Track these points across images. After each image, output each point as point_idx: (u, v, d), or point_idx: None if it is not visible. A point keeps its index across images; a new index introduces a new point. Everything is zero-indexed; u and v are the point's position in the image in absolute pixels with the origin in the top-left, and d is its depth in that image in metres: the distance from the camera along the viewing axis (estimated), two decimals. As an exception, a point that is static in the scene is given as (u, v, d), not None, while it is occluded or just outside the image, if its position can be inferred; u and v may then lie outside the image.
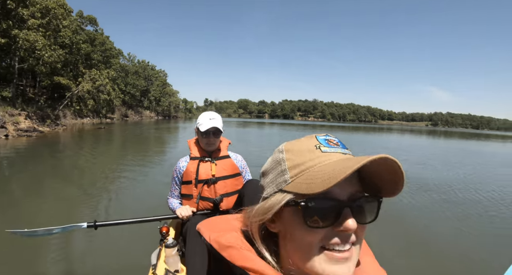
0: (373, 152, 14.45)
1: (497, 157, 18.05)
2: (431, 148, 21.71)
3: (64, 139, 16.92)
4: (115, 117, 43.31)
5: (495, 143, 34.82)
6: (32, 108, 22.53)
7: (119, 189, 6.43)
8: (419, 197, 6.54)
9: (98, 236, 3.67)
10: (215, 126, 2.16)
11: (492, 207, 6.13)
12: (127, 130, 26.00)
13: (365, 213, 0.49)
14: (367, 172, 0.48)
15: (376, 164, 0.44)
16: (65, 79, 28.34)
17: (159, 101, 69.71)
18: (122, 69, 52.38)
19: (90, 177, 7.60)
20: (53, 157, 10.47)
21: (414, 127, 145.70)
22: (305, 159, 0.49)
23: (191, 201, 2.22)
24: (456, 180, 8.65)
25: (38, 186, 6.47)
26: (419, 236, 4.43)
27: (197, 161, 2.23)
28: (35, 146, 12.89)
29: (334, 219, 0.46)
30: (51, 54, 20.84)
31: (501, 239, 4.54)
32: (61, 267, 3.12)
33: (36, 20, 20.22)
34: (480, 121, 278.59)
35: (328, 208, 0.46)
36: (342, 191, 0.47)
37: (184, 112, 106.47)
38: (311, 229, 0.46)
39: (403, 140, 31.90)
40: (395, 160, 0.43)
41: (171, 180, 2.34)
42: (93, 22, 38.65)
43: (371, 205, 0.49)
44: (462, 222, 5.12)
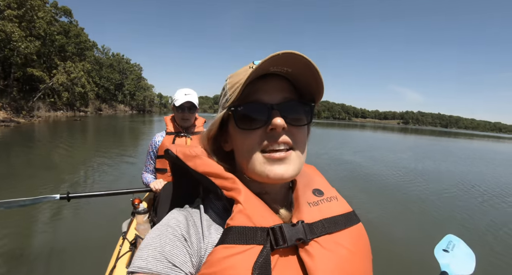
0: (356, 149, 16.24)
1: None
2: (408, 145, 23.18)
3: (42, 129, 17.36)
4: (88, 110, 42.78)
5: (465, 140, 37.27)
6: (7, 99, 22.43)
7: (94, 167, 6.81)
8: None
9: (71, 208, 3.82)
10: (190, 101, 2.21)
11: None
12: (103, 122, 26.47)
13: (298, 115, 0.53)
14: (298, 81, 0.53)
15: (297, 69, 0.49)
16: (38, 71, 27.90)
17: (133, 95, 68.78)
18: (97, 62, 51.53)
19: (67, 159, 8.10)
20: (33, 144, 11.06)
21: (386, 125, 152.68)
22: (239, 78, 0.52)
23: (165, 175, 2.29)
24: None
25: (15, 167, 6.70)
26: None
27: (172, 136, 2.30)
28: (14, 135, 13.45)
29: (265, 121, 0.50)
30: (27, 45, 20.93)
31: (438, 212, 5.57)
32: (32, 239, 3.21)
33: (12, 11, 20.22)
34: (449, 120, 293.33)
35: (256, 110, 0.51)
36: (272, 97, 0.52)
37: (159, 107, 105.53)
38: (245, 132, 0.52)
39: (382, 137, 33.58)
40: (301, 54, 0.46)
41: (146, 155, 2.38)
42: (68, 13, 37.96)
43: (304, 109, 0.54)
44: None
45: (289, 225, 0.49)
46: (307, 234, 0.49)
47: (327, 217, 0.53)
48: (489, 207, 6.26)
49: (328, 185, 0.63)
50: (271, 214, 0.51)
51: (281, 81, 0.53)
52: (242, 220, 0.47)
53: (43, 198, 2.04)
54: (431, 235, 4.28)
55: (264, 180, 0.51)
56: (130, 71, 67.95)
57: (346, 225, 0.55)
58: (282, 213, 0.54)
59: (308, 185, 0.60)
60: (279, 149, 0.50)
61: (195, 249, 0.48)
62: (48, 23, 29.15)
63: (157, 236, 0.47)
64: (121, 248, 1.82)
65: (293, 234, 0.48)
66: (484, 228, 4.92)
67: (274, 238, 0.46)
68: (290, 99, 0.53)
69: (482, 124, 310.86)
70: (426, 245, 3.90)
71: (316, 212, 0.54)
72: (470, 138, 54.82)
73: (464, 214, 5.60)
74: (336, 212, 0.56)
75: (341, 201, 0.60)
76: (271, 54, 0.45)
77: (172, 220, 0.51)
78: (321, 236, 0.50)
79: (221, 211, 0.55)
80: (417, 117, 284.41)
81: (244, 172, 0.54)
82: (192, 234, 0.49)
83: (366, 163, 10.69)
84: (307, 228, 0.50)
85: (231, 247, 0.44)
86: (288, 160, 0.50)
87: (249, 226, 0.47)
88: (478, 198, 6.89)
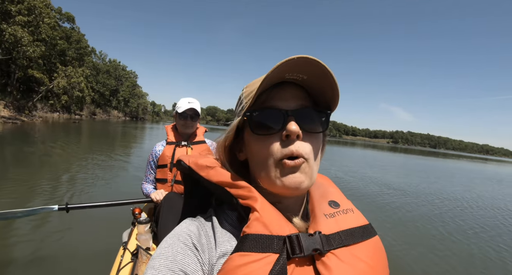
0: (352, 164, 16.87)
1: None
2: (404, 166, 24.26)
3: (44, 128, 18.45)
4: (83, 114, 43.74)
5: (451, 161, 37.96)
6: (9, 98, 23.49)
7: (94, 174, 6.70)
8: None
9: (69, 216, 3.53)
10: (192, 108, 2.21)
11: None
12: (99, 126, 27.59)
13: (313, 123, 0.53)
14: (314, 88, 0.54)
15: (313, 76, 0.50)
16: (39, 73, 29.11)
17: (127, 102, 69.78)
18: (94, 67, 52.74)
19: (67, 162, 8.04)
20: (37, 142, 11.83)
21: (377, 144, 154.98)
22: (255, 86, 0.53)
23: (165, 185, 2.24)
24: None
25: (18, 167, 6.76)
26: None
27: (173, 145, 2.28)
28: (22, 131, 14.62)
29: (280, 127, 0.50)
30: (34, 49, 22.23)
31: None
32: (30, 250, 3.11)
33: (23, 17, 21.59)
34: (437, 141, 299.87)
35: (272, 116, 0.51)
36: (287, 103, 0.52)
37: (152, 115, 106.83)
38: (263, 139, 0.52)
39: (374, 154, 34.10)
40: (317, 59, 0.46)
41: (147, 164, 2.33)
42: (71, 20, 39.48)
43: (319, 117, 0.54)
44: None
45: (306, 234, 0.48)
46: (324, 245, 0.48)
47: (344, 229, 0.52)
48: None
49: (343, 197, 0.63)
50: (287, 223, 0.50)
51: (296, 89, 0.54)
52: (258, 228, 0.46)
53: (41, 208, 2.00)
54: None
55: (279, 190, 0.51)
56: (125, 78, 69.11)
57: (363, 237, 0.53)
58: (297, 223, 0.53)
59: (324, 196, 0.60)
60: (293, 156, 0.50)
61: (207, 258, 0.48)
62: (52, 28, 30.60)
63: (169, 245, 0.48)
64: (122, 259, 1.78)
65: (310, 244, 0.47)
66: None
67: (291, 247, 0.46)
68: (306, 106, 0.53)
69: (470, 146, 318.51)
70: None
71: (333, 223, 0.53)
72: (458, 158, 56.35)
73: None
74: (353, 224, 0.54)
75: (357, 213, 0.58)
76: (285, 59, 0.45)
77: (184, 229, 0.51)
78: (338, 248, 0.49)
79: (234, 221, 0.55)
80: (406, 137, 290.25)
81: (259, 181, 0.53)
82: (204, 243, 0.49)
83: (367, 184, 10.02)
84: (324, 239, 0.49)
85: (247, 254, 0.44)
86: (303, 168, 0.50)
87: (265, 234, 0.46)
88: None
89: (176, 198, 1.94)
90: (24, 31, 21.18)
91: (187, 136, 2.35)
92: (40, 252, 3.08)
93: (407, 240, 4.65)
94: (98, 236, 3.47)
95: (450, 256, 4.27)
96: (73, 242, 3.34)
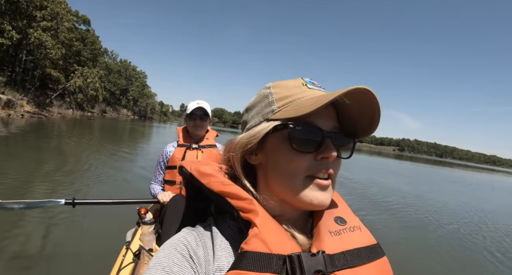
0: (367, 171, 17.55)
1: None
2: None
3: (65, 123, 20.72)
4: (95, 112, 46.11)
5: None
6: (31, 95, 25.79)
7: (104, 171, 6.81)
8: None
9: (74, 211, 3.50)
10: (201, 107, 2.23)
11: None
12: (111, 123, 30.18)
13: (342, 148, 0.53)
14: (351, 114, 0.52)
15: (358, 103, 0.48)
16: (56, 72, 31.44)
17: (137, 101, 72.34)
18: (106, 67, 55.28)
19: (80, 156, 8.50)
20: (60, 135, 13.52)
21: (382, 151, 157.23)
22: (292, 92, 0.52)
23: (173, 187, 2.25)
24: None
25: (37, 158, 7.25)
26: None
27: (184, 148, 2.30)
28: (47, 125, 16.86)
29: (318, 146, 0.49)
30: (56, 52, 24.58)
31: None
32: (33, 243, 3.11)
33: (47, 22, 23.90)
34: (444, 150, 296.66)
35: (313, 134, 0.49)
36: (325, 122, 0.50)
37: (159, 115, 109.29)
38: (297, 153, 0.49)
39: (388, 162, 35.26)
40: (374, 93, 0.45)
41: (156, 165, 2.34)
42: (87, 22, 42.00)
43: (347, 142, 0.53)
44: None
45: (308, 254, 0.45)
46: (327, 266, 0.45)
47: (349, 249, 0.49)
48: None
49: (351, 213, 0.58)
50: (290, 240, 0.47)
51: (332, 109, 0.52)
52: (257, 245, 0.44)
53: (48, 201, 1.97)
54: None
55: (302, 205, 0.50)
56: (135, 78, 71.66)
57: (370, 258, 0.49)
58: (300, 239, 0.50)
59: (330, 211, 0.55)
60: (324, 177, 0.50)
61: (203, 271, 0.46)
62: (69, 30, 32.90)
63: (166, 255, 0.46)
64: (124, 259, 1.74)
65: (312, 265, 0.44)
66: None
67: (291, 268, 0.43)
68: (340, 130, 0.53)
69: (477, 156, 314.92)
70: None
71: (338, 242, 0.49)
72: (466, 168, 56.78)
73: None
74: (360, 243, 0.51)
75: (365, 232, 0.54)
76: (351, 87, 0.43)
77: (181, 238, 0.50)
78: (343, 269, 0.46)
79: (235, 232, 0.53)
80: (413, 145, 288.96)
81: (277, 192, 0.52)
82: (201, 256, 0.47)
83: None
84: (328, 259, 0.46)
85: (244, 273, 0.41)
86: (329, 189, 0.51)
87: (264, 252, 0.43)
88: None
89: (182, 201, 1.93)
90: (47, 35, 23.45)
91: (198, 139, 2.37)
92: (42, 246, 3.09)
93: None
94: (102, 233, 3.49)
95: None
96: (76, 237, 3.36)
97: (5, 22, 21.15)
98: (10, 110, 18.43)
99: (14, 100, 19.35)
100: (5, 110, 17.92)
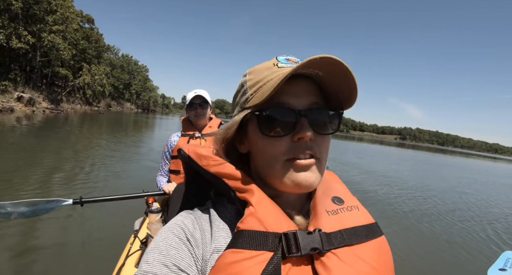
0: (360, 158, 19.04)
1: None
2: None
3: (81, 117, 23.44)
4: (101, 106, 48.90)
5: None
6: (45, 93, 28.52)
7: (111, 165, 6.85)
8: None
9: (85, 207, 3.18)
10: (198, 95, 2.21)
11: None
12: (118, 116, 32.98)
13: (325, 123, 0.50)
14: (329, 85, 0.49)
15: (329, 74, 0.46)
16: (64, 70, 34.07)
17: (139, 95, 75.26)
18: (110, 63, 57.74)
19: (93, 151, 8.92)
20: (83, 127, 16.41)
21: (384, 140, 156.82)
22: (262, 76, 0.50)
23: (178, 176, 2.28)
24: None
25: (53, 154, 7.54)
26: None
27: (187, 137, 2.30)
28: (67, 119, 19.42)
29: (292, 128, 0.47)
30: (68, 53, 27.29)
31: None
32: (42, 232, 3.21)
33: (58, 26, 26.44)
34: (446, 139, 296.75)
35: (283, 116, 0.47)
36: (299, 101, 0.48)
37: (162, 108, 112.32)
38: (271, 139, 0.48)
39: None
40: (340, 60, 0.43)
41: (162, 155, 2.38)
42: (91, 21, 44.28)
43: (331, 117, 0.50)
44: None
45: (304, 232, 0.45)
46: (324, 244, 0.45)
47: (347, 227, 0.49)
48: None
49: (349, 193, 0.59)
50: (286, 219, 0.48)
51: (308, 84, 0.50)
52: (253, 224, 0.44)
53: (55, 201, 1.95)
54: (480, 254, 4.42)
55: (288, 189, 0.48)
56: (137, 72, 74.17)
57: (367, 237, 0.49)
58: (298, 219, 0.50)
59: (327, 192, 0.56)
60: (305, 158, 0.48)
61: (200, 253, 0.46)
62: (75, 30, 35.26)
63: (163, 239, 0.46)
64: (132, 246, 1.78)
65: (308, 243, 0.44)
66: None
67: (287, 245, 0.43)
68: (318, 105, 0.50)
69: (479, 145, 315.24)
70: (473, 265, 3.96)
71: (335, 221, 0.49)
72: (467, 156, 57.22)
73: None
74: (357, 222, 0.51)
75: (363, 211, 0.55)
76: (308, 58, 0.42)
77: (178, 222, 0.50)
78: (340, 247, 0.46)
79: (233, 215, 0.52)
80: (414, 133, 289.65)
81: (264, 178, 0.52)
82: (198, 238, 0.47)
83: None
84: (325, 237, 0.46)
85: (239, 251, 0.42)
86: (313, 168, 0.48)
87: (260, 231, 0.44)
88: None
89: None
90: (59, 38, 26.06)
91: (201, 128, 2.36)
92: (51, 235, 3.15)
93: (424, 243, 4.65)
94: (111, 221, 3.57)
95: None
96: (85, 226, 3.44)
97: (21, 28, 23.67)
98: (33, 107, 21.15)
99: (34, 98, 22.06)
100: (28, 108, 20.62)
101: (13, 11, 22.85)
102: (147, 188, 2.32)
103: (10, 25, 23.00)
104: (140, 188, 2.47)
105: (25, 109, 20.04)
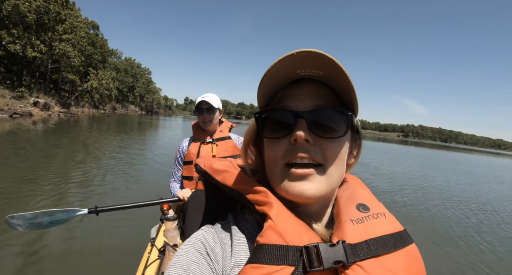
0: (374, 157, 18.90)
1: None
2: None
3: (92, 120, 25.13)
4: (106, 109, 50.74)
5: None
6: (56, 97, 30.37)
7: (124, 173, 6.86)
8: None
9: (97, 218, 3.12)
10: (204, 100, 2.16)
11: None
12: (124, 118, 34.76)
13: (330, 126, 0.47)
14: (335, 86, 0.48)
15: (327, 71, 0.44)
16: (72, 75, 35.92)
17: (143, 97, 77.25)
18: (114, 67, 59.67)
19: (106, 156, 8.87)
20: (97, 129, 18.13)
21: (387, 137, 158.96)
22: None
23: (191, 183, 2.24)
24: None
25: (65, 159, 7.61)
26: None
27: (198, 143, 2.26)
28: (79, 122, 21.19)
29: (290, 129, 0.46)
30: (78, 60, 29.30)
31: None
32: (58, 242, 3.17)
33: (68, 35, 28.26)
34: (448, 135, 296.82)
35: (281, 118, 0.47)
36: (302, 103, 0.47)
37: (165, 109, 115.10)
38: (272, 141, 0.49)
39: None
40: (318, 51, 0.41)
41: (174, 161, 2.35)
42: (96, 27, 46.18)
43: (337, 118, 0.48)
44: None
45: (326, 244, 0.43)
46: (348, 257, 0.42)
47: (373, 237, 0.45)
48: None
49: (375, 199, 0.55)
50: (308, 231, 0.45)
51: (314, 87, 0.49)
52: (272, 238, 0.43)
53: (71, 211, 1.96)
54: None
55: (284, 196, 0.48)
56: (141, 75, 76.03)
57: (396, 246, 0.45)
58: (320, 230, 0.48)
59: (352, 199, 0.53)
60: (303, 163, 0.46)
61: (220, 268, 0.45)
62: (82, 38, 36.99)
63: (184, 253, 0.46)
64: (150, 256, 1.77)
65: (331, 256, 0.41)
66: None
67: (308, 259, 0.41)
68: (323, 106, 0.48)
69: (482, 140, 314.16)
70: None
71: (361, 230, 0.46)
72: (471, 152, 57.44)
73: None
74: (385, 231, 0.46)
75: (390, 218, 0.50)
76: (284, 54, 0.41)
77: (199, 236, 0.50)
78: (366, 259, 0.42)
79: (254, 227, 0.52)
80: (417, 130, 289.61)
81: (272, 185, 0.51)
82: (218, 252, 0.47)
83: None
84: (349, 249, 0.42)
85: (260, 267, 0.40)
86: (312, 177, 0.46)
87: (280, 244, 0.42)
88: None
89: (202, 195, 1.93)
90: (69, 46, 27.94)
91: (212, 133, 2.31)
92: (67, 246, 3.13)
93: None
94: (127, 229, 3.57)
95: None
96: (103, 237, 3.42)
97: (33, 37, 25.47)
98: (48, 111, 22.97)
99: (49, 103, 23.89)
100: (44, 112, 22.44)
101: (27, 23, 24.61)
102: (160, 194, 2.31)
103: (24, 35, 24.78)
104: (153, 194, 2.48)
105: (42, 114, 21.80)
